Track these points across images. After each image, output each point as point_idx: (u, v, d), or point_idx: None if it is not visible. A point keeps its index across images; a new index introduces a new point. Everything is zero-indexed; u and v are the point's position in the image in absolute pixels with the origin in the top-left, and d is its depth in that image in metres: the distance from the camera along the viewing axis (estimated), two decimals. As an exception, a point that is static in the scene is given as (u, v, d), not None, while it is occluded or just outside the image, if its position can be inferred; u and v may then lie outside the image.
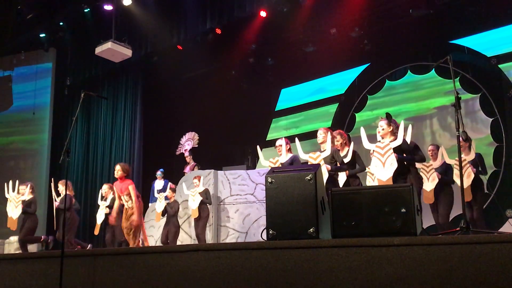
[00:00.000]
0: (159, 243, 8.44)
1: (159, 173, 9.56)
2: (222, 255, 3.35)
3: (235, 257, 3.29)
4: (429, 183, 6.52)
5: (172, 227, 8.21)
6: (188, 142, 10.30)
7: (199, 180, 8.27)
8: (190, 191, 8.25)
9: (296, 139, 6.08)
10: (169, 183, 8.89)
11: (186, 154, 10.09)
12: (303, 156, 5.83)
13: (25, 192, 7.96)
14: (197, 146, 10.21)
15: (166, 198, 8.46)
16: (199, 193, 8.11)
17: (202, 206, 8.12)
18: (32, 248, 8.82)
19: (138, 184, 11.76)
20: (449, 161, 6.52)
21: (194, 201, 8.12)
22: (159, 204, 8.44)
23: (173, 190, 8.55)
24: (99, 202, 8.26)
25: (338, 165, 5.75)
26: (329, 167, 5.60)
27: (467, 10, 9.00)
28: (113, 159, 12.21)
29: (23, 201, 7.86)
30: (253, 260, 3.21)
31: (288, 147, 6.41)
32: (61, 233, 7.52)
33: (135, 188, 6.94)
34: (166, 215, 8.36)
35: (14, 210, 7.86)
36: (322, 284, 2.93)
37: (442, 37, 9.47)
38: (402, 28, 9.63)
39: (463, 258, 2.59)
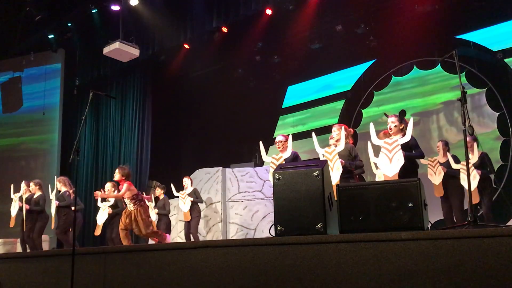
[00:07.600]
0: None
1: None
2: (230, 251, 3.39)
3: (243, 253, 3.32)
4: (437, 177, 6.59)
5: (162, 225, 8.22)
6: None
7: (188, 179, 8.27)
8: (180, 193, 8.25)
9: (313, 133, 6.07)
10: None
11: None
12: (319, 151, 5.81)
13: (32, 190, 7.94)
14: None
15: (157, 198, 8.46)
16: (188, 194, 8.09)
17: (193, 206, 8.11)
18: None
19: (146, 183, 11.83)
20: (455, 166, 6.50)
21: (185, 204, 8.10)
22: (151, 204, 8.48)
23: (162, 188, 8.54)
24: (100, 204, 7.87)
25: (353, 161, 5.78)
26: (343, 161, 5.60)
27: (472, 4, 8.97)
28: (122, 158, 12.29)
29: (28, 199, 7.83)
30: (262, 256, 3.23)
31: (287, 144, 6.30)
32: (60, 231, 7.61)
33: (129, 188, 6.16)
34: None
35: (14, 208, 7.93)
36: (331, 279, 2.96)
37: (448, 32, 9.42)
38: (407, 23, 9.61)
39: (471, 252, 2.59)
